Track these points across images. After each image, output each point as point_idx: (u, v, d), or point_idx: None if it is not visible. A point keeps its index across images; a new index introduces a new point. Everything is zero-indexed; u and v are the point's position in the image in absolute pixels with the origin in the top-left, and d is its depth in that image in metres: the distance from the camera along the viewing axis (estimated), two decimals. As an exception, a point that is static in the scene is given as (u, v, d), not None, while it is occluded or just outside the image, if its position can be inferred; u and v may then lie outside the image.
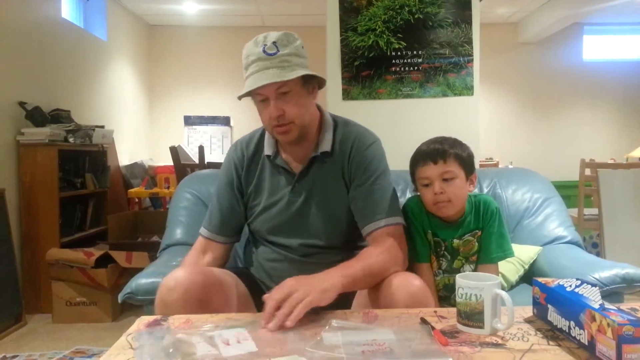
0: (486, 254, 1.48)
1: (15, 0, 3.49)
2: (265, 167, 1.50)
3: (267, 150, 1.49)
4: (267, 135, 1.51)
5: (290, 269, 1.41)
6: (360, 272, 1.25)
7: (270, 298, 1.11)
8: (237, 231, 1.56)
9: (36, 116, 3.46)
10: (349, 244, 1.47)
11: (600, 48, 6.88)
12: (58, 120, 3.66)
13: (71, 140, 3.60)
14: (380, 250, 1.32)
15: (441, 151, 1.43)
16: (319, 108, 1.50)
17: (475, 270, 1.48)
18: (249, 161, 1.52)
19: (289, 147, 1.46)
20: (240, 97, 1.36)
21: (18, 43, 3.52)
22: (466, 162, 1.45)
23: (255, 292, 1.44)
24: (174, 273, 1.27)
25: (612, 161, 5.08)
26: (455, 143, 1.47)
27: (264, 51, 1.31)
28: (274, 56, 1.30)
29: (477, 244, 1.49)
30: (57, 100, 3.93)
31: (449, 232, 1.48)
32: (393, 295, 1.21)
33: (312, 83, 1.39)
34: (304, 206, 1.45)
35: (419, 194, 1.51)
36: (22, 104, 3.43)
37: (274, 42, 1.32)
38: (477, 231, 1.49)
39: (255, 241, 1.58)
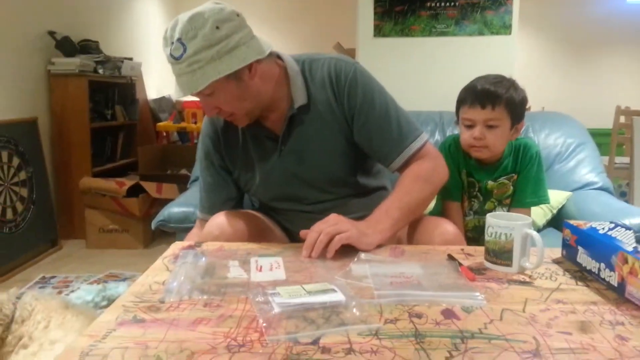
0: (520, 198, 1.47)
1: None
2: (246, 136, 1.37)
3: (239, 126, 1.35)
4: None
5: (304, 228, 1.27)
6: (399, 215, 1.21)
7: (313, 230, 1.12)
8: (232, 206, 1.44)
9: (66, 46, 3.47)
10: (361, 188, 1.40)
11: (648, -12, 6.48)
12: (87, 50, 3.66)
13: (100, 71, 3.61)
14: (415, 179, 1.26)
15: (493, 96, 1.35)
16: (281, 58, 1.32)
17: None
18: (224, 135, 1.39)
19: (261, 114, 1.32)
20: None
21: (46, -30, 3.48)
22: (516, 110, 1.38)
23: (287, 233, 1.45)
24: (215, 219, 1.28)
25: (649, 109, 4.90)
26: (511, 87, 1.38)
27: (171, 55, 1.15)
28: (180, 60, 1.14)
29: (511, 187, 1.47)
30: (86, 31, 3.92)
31: (484, 174, 1.46)
32: (427, 241, 1.22)
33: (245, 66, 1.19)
34: (299, 168, 1.33)
35: (457, 133, 1.48)
36: (51, 34, 3.43)
37: (179, 39, 1.13)
38: (514, 174, 1.46)
39: (267, 204, 1.48)
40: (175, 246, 1.19)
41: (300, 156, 1.33)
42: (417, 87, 2.71)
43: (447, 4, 2.70)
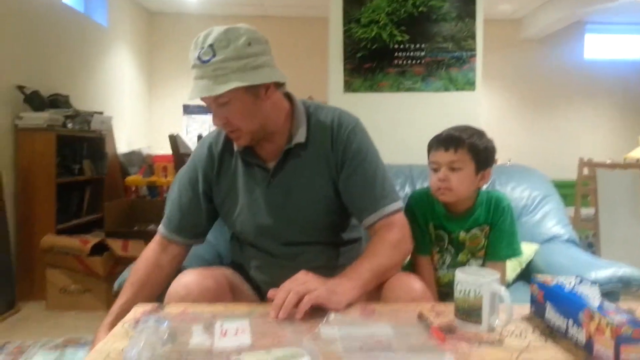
0: (495, 251, 1.47)
1: (15, -17, 3.46)
2: (237, 164, 1.39)
3: (237, 145, 1.37)
4: None
5: (274, 278, 1.30)
6: (369, 276, 1.21)
7: (281, 289, 1.09)
8: (197, 234, 1.45)
9: (35, 100, 3.44)
10: (335, 238, 1.41)
11: (601, 47, 6.88)
12: (57, 105, 3.64)
13: (70, 125, 3.58)
14: (386, 245, 1.28)
15: (455, 139, 1.40)
16: (289, 97, 1.39)
17: (482, 266, 1.47)
18: (219, 161, 1.41)
19: (259, 142, 1.35)
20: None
21: (18, 27, 3.49)
22: (480, 155, 1.41)
23: (257, 291, 1.42)
24: (182, 278, 1.25)
25: (610, 161, 5.09)
26: (475, 134, 1.42)
27: (199, 57, 1.19)
28: (207, 64, 1.18)
29: (484, 239, 1.48)
30: (56, 85, 3.90)
31: (455, 225, 1.47)
32: (394, 299, 1.21)
33: (262, 86, 1.24)
34: (284, 202, 1.36)
35: (428, 186, 1.49)
36: (20, 88, 3.40)
37: (211, 45, 1.18)
38: (486, 226, 1.47)
39: (240, 246, 1.49)
40: (137, 309, 1.14)
41: (288, 190, 1.35)
42: (386, 141, 2.73)
43: (414, 61, 2.80)
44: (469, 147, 1.39)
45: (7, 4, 3.38)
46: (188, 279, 1.24)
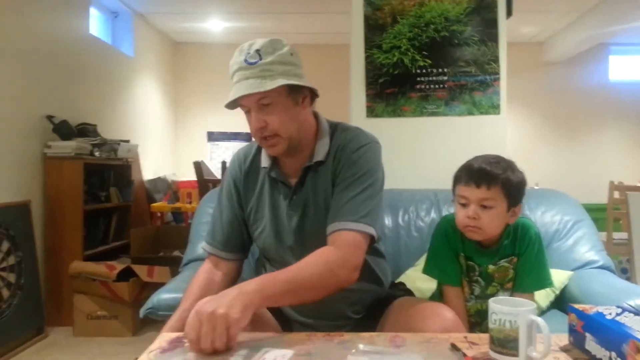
0: (523, 283, 1.40)
1: (45, 16, 3.59)
2: (265, 180, 1.43)
3: (264, 162, 1.41)
4: None
5: None
6: (285, 288, 1.14)
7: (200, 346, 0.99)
8: (243, 248, 1.48)
9: (63, 130, 3.52)
10: None
11: (626, 68, 6.79)
12: (84, 134, 3.72)
13: (97, 154, 3.65)
14: (319, 262, 1.20)
15: (489, 176, 1.31)
16: (316, 116, 1.41)
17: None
18: (245, 175, 1.45)
19: (284, 158, 1.38)
20: (227, 107, 1.29)
21: (47, 58, 3.60)
22: (513, 192, 1.33)
23: (277, 315, 1.39)
24: None
25: (641, 184, 4.96)
26: (508, 167, 1.34)
27: (246, 60, 1.24)
28: (254, 65, 1.23)
29: (512, 270, 1.41)
30: (84, 115, 4.00)
31: (484, 258, 1.40)
32: (425, 328, 1.17)
33: (301, 93, 1.30)
34: (301, 220, 1.36)
35: (452, 212, 1.44)
36: (49, 118, 3.49)
37: (257, 50, 1.25)
38: (514, 257, 1.41)
39: (265, 267, 1.49)
40: (162, 338, 1.12)
41: (305, 208, 1.36)
42: (411, 166, 2.72)
43: (436, 86, 2.78)
44: (503, 183, 1.31)
45: (37, 36, 3.50)
46: None
